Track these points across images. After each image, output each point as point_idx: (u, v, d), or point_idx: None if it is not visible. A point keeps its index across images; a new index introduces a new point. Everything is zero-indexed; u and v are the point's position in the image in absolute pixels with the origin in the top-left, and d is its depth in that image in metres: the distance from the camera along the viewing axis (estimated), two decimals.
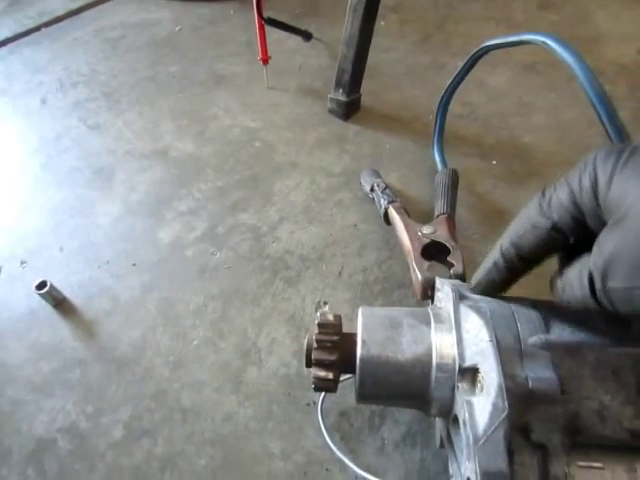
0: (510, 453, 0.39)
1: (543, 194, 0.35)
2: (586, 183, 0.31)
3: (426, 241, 0.59)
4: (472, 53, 0.72)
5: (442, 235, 0.60)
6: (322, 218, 0.78)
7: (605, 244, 0.29)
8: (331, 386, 0.44)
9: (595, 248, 0.30)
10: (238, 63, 1.12)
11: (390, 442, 0.55)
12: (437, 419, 0.48)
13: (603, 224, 0.30)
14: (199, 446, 0.56)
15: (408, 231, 0.62)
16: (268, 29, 1.03)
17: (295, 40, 1.17)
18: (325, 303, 0.67)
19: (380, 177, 0.77)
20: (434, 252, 0.59)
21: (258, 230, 0.77)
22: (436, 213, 0.67)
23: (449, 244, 0.58)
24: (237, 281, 0.71)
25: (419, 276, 0.54)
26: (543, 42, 0.57)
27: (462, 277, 0.54)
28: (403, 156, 0.88)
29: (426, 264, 0.56)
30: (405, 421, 0.57)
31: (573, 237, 0.34)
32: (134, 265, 0.74)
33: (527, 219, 0.36)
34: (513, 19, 1.25)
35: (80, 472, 0.54)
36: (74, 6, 1.36)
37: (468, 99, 1.00)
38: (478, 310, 0.41)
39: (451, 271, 0.55)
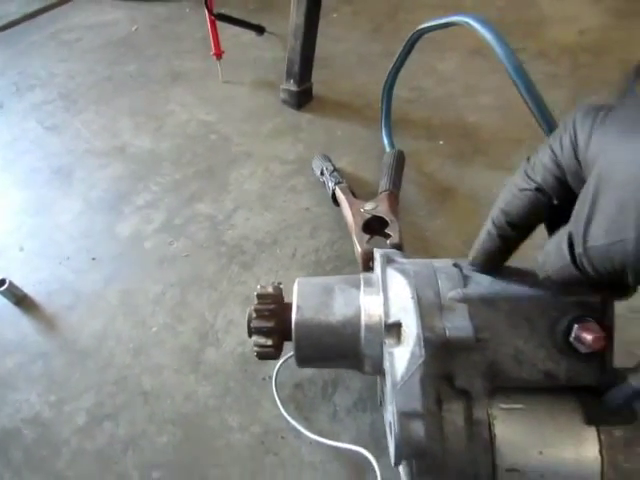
0: (438, 401, 0.42)
1: (528, 160, 0.35)
2: (566, 142, 0.32)
3: (367, 216, 0.62)
4: (408, 37, 0.75)
5: (383, 210, 0.63)
6: (276, 204, 0.81)
7: (584, 202, 0.29)
8: (272, 353, 0.47)
9: (575, 207, 0.30)
10: (194, 59, 1.14)
11: (342, 408, 0.58)
12: (378, 380, 0.51)
13: (583, 182, 0.31)
14: (160, 425, 0.58)
15: (352, 209, 0.65)
16: (223, 25, 1.06)
17: (249, 35, 1.19)
18: (279, 284, 0.70)
19: (329, 161, 0.79)
20: (376, 226, 0.62)
21: (214, 219, 0.79)
22: (379, 191, 0.69)
23: (388, 217, 0.61)
24: (195, 268, 0.73)
25: (359, 249, 0.57)
26: (466, 22, 0.60)
27: (398, 246, 0.57)
28: (354, 141, 0.91)
29: (366, 237, 0.59)
30: (356, 388, 0.59)
31: (556, 198, 0.34)
32: (94, 260, 0.75)
33: (514, 185, 0.36)
34: (462, 6, 1.29)
35: (45, 458, 0.56)
36: (30, 10, 1.36)
37: (418, 84, 1.03)
38: (403, 271, 0.44)
39: (388, 242, 0.58)
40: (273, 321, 0.45)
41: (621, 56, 1.07)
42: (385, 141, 0.86)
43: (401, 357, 0.39)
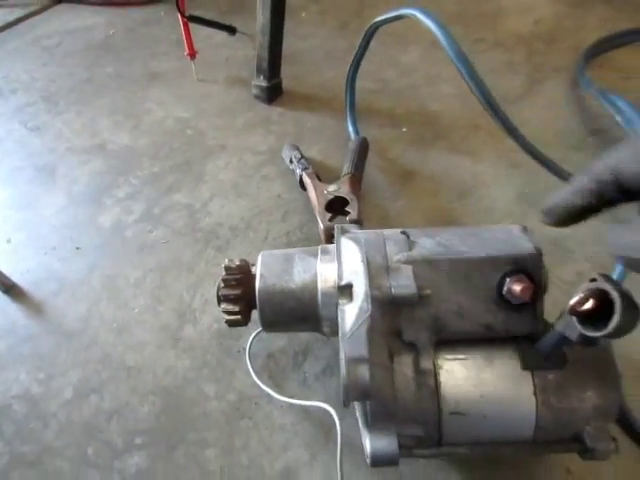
0: (390, 355, 0.45)
1: None
2: None
3: (330, 197, 0.65)
4: (365, 31, 0.78)
5: (344, 191, 0.66)
6: (249, 192, 0.84)
7: None
8: (240, 320, 0.50)
9: None
10: (170, 60, 1.17)
11: (311, 375, 0.61)
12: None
13: None
14: (142, 397, 0.60)
15: (316, 191, 0.68)
16: (197, 27, 1.08)
17: (222, 35, 1.21)
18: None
19: (297, 150, 0.82)
20: (337, 206, 0.65)
21: (191, 207, 0.82)
22: (342, 174, 0.72)
23: (348, 197, 0.64)
24: (173, 254, 0.75)
25: (321, 226, 0.60)
26: (413, 14, 0.63)
27: (357, 222, 0.60)
28: (322, 131, 0.94)
29: (328, 216, 0.62)
30: (324, 356, 0.62)
31: None
32: (78, 249, 0.78)
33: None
34: (422, 1, 1.32)
35: (35, 430, 0.59)
36: (11, 18, 1.38)
37: (382, 76, 1.06)
38: (355, 239, 0.47)
39: (347, 218, 0.61)
40: (239, 289, 0.48)
41: (573, 43, 1.11)
42: (350, 129, 0.89)
43: (351, 312, 0.42)
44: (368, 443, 0.44)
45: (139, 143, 0.95)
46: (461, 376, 0.44)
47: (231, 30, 1.14)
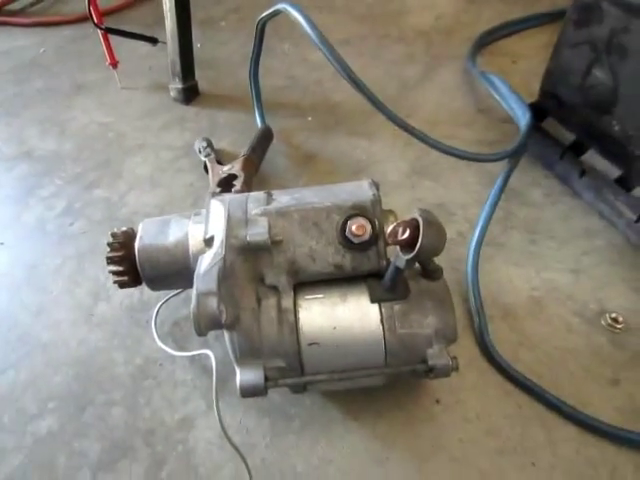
0: (258, 300, 0.49)
1: None
2: None
3: (223, 175, 0.70)
4: (255, 27, 0.84)
5: (236, 169, 0.71)
6: (164, 183, 0.88)
7: None
8: (127, 280, 0.54)
9: None
10: (96, 72, 1.19)
11: (212, 336, 0.65)
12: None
13: None
14: (55, 368, 0.63)
15: (213, 172, 0.73)
16: (122, 39, 1.12)
17: (147, 46, 1.24)
18: None
19: (205, 141, 0.87)
20: (230, 182, 0.69)
21: (109, 200, 0.86)
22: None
23: (237, 173, 0.69)
24: (91, 242, 0.79)
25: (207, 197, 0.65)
26: (284, 9, 0.69)
27: (241, 192, 0.65)
28: (234, 126, 0.99)
29: (217, 190, 0.66)
30: None
31: None
32: (2, 244, 0.80)
33: None
34: (334, 4, 1.39)
35: None
36: None
37: (291, 73, 1.12)
38: (221, 200, 0.52)
39: (232, 190, 0.65)
40: (122, 251, 0.52)
41: (468, 35, 1.18)
42: (257, 120, 0.94)
43: (207, 258, 0.46)
44: (237, 376, 0.48)
45: (64, 147, 0.98)
46: (317, 312, 0.49)
47: (152, 40, 1.18)
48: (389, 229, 0.42)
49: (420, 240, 0.41)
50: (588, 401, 0.58)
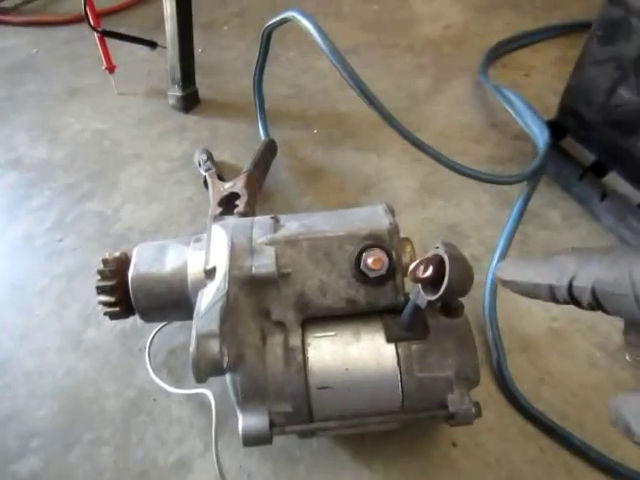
0: (263, 336, 0.45)
1: None
2: None
3: (224, 193, 0.66)
4: (261, 35, 0.80)
5: (238, 187, 0.66)
6: (161, 196, 0.83)
7: None
8: (118, 311, 0.50)
9: None
10: (91, 76, 1.15)
11: None
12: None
13: None
14: (40, 400, 0.59)
15: (214, 189, 0.68)
16: (119, 43, 1.08)
17: (145, 50, 1.20)
18: None
19: (205, 154, 0.82)
20: (232, 201, 0.65)
21: (102, 214, 0.81)
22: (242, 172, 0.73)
23: (240, 192, 0.64)
24: (81, 260, 0.74)
25: (208, 220, 0.60)
26: (293, 16, 0.65)
27: (244, 214, 0.61)
28: (236, 136, 0.95)
29: (219, 210, 0.62)
30: None
31: None
32: None
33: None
34: (341, 11, 1.35)
35: None
36: None
37: (296, 82, 1.08)
38: (224, 225, 0.48)
39: (235, 211, 0.61)
40: (114, 280, 0.48)
41: (479, 45, 1.15)
42: (261, 132, 0.90)
43: (209, 293, 0.42)
44: (240, 422, 0.44)
45: (55, 156, 0.94)
46: (328, 351, 0.45)
47: (151, 44, 1.14)
48: (410, 268, 0.38)
49: (446, 280, 0.37)
50: (615, 443, 0.54)
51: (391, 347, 0.45)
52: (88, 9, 0.96)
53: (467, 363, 0.46)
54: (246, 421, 0.44)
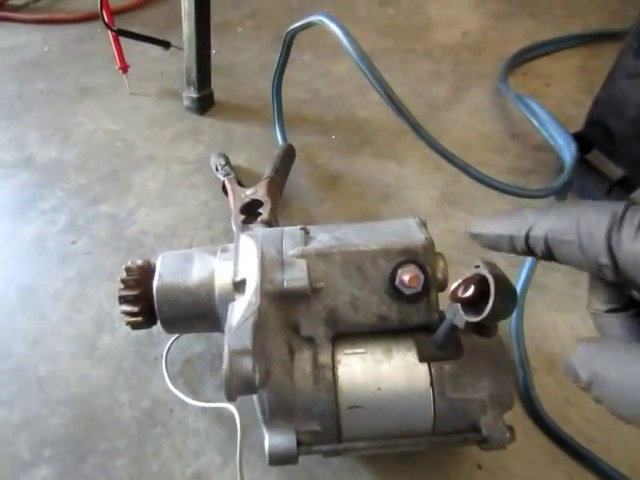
0: (291, 351, 0.44)
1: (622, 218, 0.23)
2: None
3: (246, 200, 0.65)
4: (283, 39, 0.79)
5: (260, 194, 0.65)
6: (176, 200, 0.82)
7: None
8: (141, 321, 0.48)
9: None
10: (103, 75, 1.15)
11: None
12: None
13: None
14: (53, 407, 0.58)
15: (234, 195, 0.67)
16: (132, 43, 1.07)
17: (158, 50, 1.19)
18: None
19: (222, 157, 0.81)
20: (254, 209, 0.64)
21: (116, 217, 0.80)
22: (262, 179, 0.72)
23: (263, 199, 0.63)
24: (95, 263, 0.73)
25: (234, 228, 0.59)
26: (320, 20, 0.64)
27: (268, 222, 0.60)
28: (251, 140, 0.94)
29: (241, 217, 0.61)
30: None
31: None
32: None
33: (589, 237, 0.24)
34: (356, 15, 1.34)
35: None
36: None
37: (313, 86, 1.07)
38: (253, 236, 0.47)
39: (258, 219, 0.60)
40: (138, 289, 0.47)
41: (498, 53, 1.14)
42: (278, 137, 0.89)
43: (240, 307, 0.41)
44: (266, 441, 0.43)
45: (67, 156, 0.93)
46: (359, 370, 0.44)
47: (165, 44, 1.13)
48: (452, 287, 0.37)
49: (491, 302, 0.35)
50: None
51: (424, 367, 0.44)
52: (104, 7, 0.95)
53: (501, 385, 0.45)
54: (272, 440, 0.43)
